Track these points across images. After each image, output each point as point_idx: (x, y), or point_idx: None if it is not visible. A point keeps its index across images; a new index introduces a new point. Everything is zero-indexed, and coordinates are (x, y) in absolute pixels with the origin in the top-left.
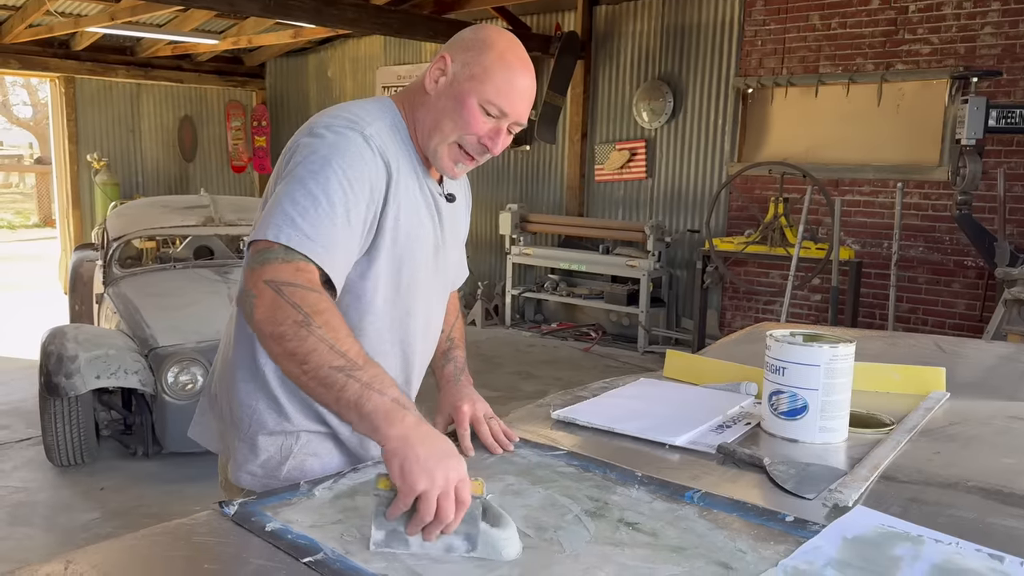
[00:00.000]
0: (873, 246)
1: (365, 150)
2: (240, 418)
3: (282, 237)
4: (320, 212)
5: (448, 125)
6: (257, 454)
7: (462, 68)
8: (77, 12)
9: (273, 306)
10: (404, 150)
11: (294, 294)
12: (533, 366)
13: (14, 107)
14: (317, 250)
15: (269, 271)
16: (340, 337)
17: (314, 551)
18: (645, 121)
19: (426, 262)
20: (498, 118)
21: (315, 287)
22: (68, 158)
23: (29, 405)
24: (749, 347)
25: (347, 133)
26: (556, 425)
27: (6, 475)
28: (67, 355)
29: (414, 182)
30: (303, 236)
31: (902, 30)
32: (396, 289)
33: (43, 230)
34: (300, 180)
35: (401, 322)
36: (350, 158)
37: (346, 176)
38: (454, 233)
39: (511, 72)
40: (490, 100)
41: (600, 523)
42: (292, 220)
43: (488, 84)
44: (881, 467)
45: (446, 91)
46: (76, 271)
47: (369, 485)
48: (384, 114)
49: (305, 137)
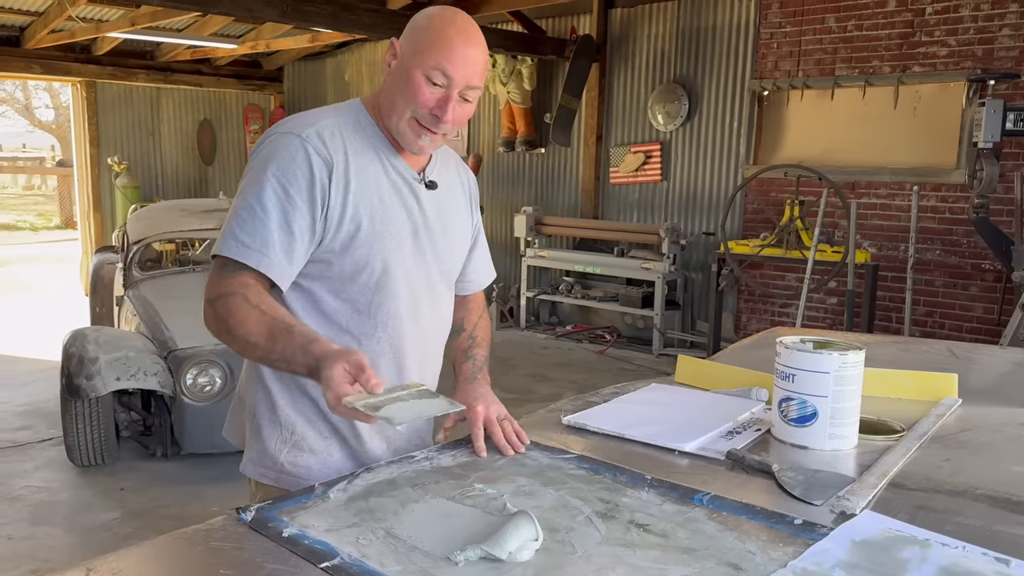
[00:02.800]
0: (889, 249)
1: (298, 152)
2: (249, 409)
3: (223, 249)
4: (256, 220)
5: (400, 102)
6: (260, 443)
7: (407, 46)
8: (98, 17)
9: (209, 320)
10: (367, 142)
11: (217, 306)
12: (548, 368)
13: (36, 110)
14: (251, 255)
15: (207, 289)
16: (250, 329)
17: (331, 556)
18: (660, 124)
19: (400, 245)
20: (444, 86)
21: (230, 290)
22: (89, 161)
23: (51, 406)
24: (762, 352)
25: (284, 139)
26: (567, 430)
27: (28, 475)
28: (88, 357)
29: (377, 168)
30: (240, 245)
31: (919, 32)
32: (368, 271)
33: (64, 232)
34: (241, 193)
35: (381, 305)
36: (283, 163)
37: (279, 182)
38: (443, 220)
39: (449, 40)
40: (432, 67)
41: (611, 524)
42: (232, 232)
43: (429, 54)
44: (890, 474)
45: (396, 71)
46: (97, 273)
47: (382, 486)
48: (342, 113)
49: (255, 149)
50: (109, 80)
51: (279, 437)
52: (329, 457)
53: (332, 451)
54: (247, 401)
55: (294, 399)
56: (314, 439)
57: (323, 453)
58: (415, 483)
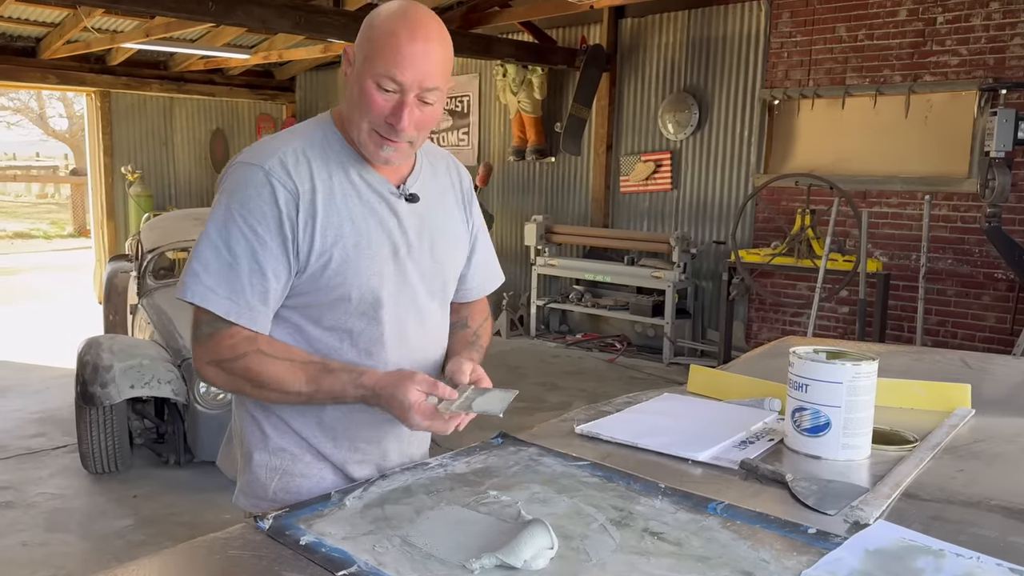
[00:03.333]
0: (901, 258)
1: (263, 187)
2: (239, 439)
3: (189, 295)
4: (222, 263)
5: (356, 114)
6: (251, 473)
7: (359, 52)
8: (113, 28)
9: (229, 384)
10: (336, 160)
11: (233, 368)
12: (558, 377)
13: (50, 119)
14: (222, 303)
15: (204, 353)
16: (285, 381)
17: (348, 564)
18: (671, 133)
19: (380, 270)
20: (397, 91)
21: (239, 352)
22: (103, 170)
23: (65, 413)
24: (773, 362)
25: (247, 171)
26: (580, 439)
27: (43, 482)
28: (102, 365)
29: (347, 189)
30: (206, 290)
31: (930, 41)
32: (347, 301)
33: (78, 240)
34: (206, 233)
35: (363, 333)
36: (248, 199)
37: (246, 222)
38: (430, 234)
39: (396, 39)
40: (380, 74)
41: (625, 532)
42: (198, 275)
43: (376, 60)
44: (903, 485)
45: (352, 79)
46: (111, 282)
47: (397, 493)
48: (310, 132)
49: (221, 179)
50: (123, 90)
51: (268, 465)
52: (322, 480)
53: (325, 474)
54: (237, 432)
55: (283, 428)
56: (306, 464)
57: (316, 477)
58: (430, 490)
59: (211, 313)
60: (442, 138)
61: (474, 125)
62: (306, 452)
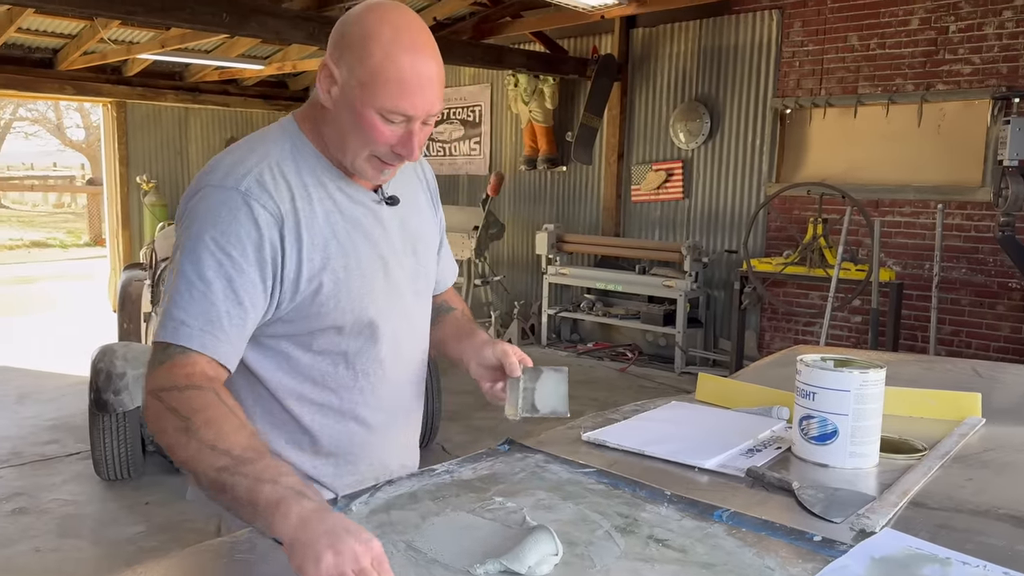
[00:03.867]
0: (914, 267)
1: (241, 211)
2: None
3: (165, 335)
4: (195, 295)
5: (354, 142)
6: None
7: (349, 75)
8: (129, 39)
9: (157, 416)
10: (311, 173)
11: (171, 398)
12: (569, 386)
13: (68, 129)
14: (193, 336)
15: (150, 380)
16: (222, 433)
17: None
18: (682, 142)
19: (371, 286)
20: (405, 122)
21: (193, 382)
22: (118, 180)
23: (79, 420)
24: (783, 370)
25: (220, 195)
26: (587, 446)
27: (56, 488)
28: (116, 372)
29: (328, 205)
30: (179, 324)
31: (943, 50)
32: (340, 324)
33: (93, 249)
34: (179, 266)
35: (360, 352)
36: (223, 225)
37: (221, 248)
38: (410, 236)
39: (401, 69)
40: (387, 108)
41: (630, 539)
42: (171, 313)
43: (380, 91)
44: (911, 493)
45: (341, 103)
46: (125, 290)
47: (403, 499)
48: (277, 143)
49: (187, 202)
50: (139, 100)
51: None
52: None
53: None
54: None
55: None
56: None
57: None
58: (436, 496)
59: (168, 345)
60: (454, 147)
61: (486, 135)
62: (304, 479)
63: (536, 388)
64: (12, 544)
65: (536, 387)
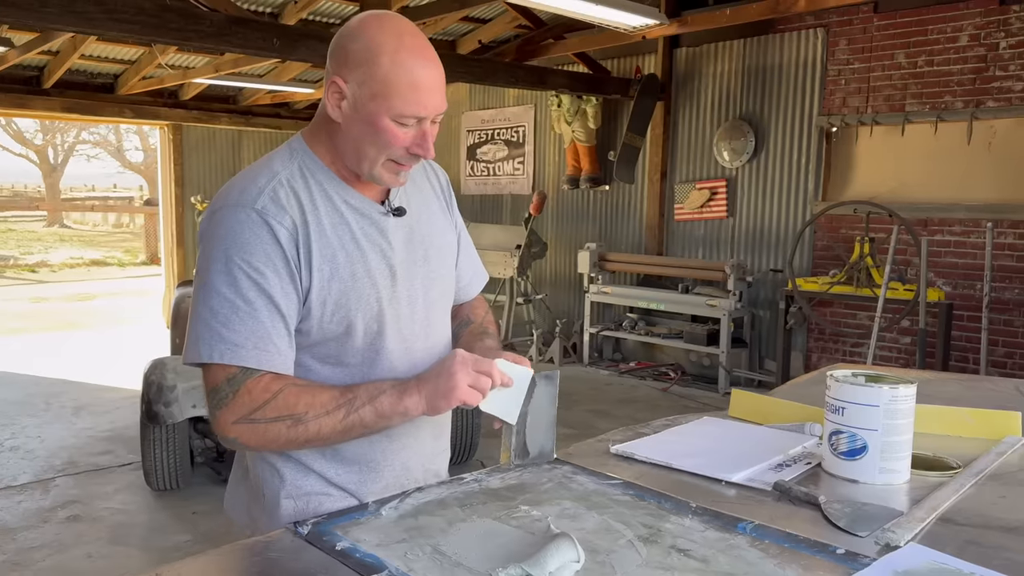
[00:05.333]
0: (965, 288)
1: (260, 228)
2: (257, 486)
3: (215, 355)
4: (241, 315)
5: (371, 150)
6: (278, 523)
7: (360, 88)
8: (185, 64)
9: (260, 435)
10: (319, 188)
11: (266, 413)
12: (610, 404)
13: (127, 152)
14: (251, 355)
15: (230, 414)
16: (322, 400)
17: (379, 569)
18: (726, 160)
19: (379, 297)
20: (417, 123)
21: (272, 392)
22: (174, 200)
23: (132, 432)
24: (820, 388)
25: (238, 215)
26: (615, 459)
27: (108, 497)
28: (166, 385)
29: (336, 218)
30: (233, 347)
31: (993, 67)
32: (352, 335)
33: (150, 267)
34: (212, 286)
35: (374, 363)
36: (247, 245)
37: (251, 266)
38: (422, 245)
39: (410, 74)
40: (402, 113)
41: (652, 548)
42: (218, 334)
43: (393, 98)
44: (940, 509)
45: (353, 116)
46: (178, 306)
47: (432, 505)
48: (286, 163)
49: (206, 225)
50: (194, 123)
51: (298, 511)
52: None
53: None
54: (254, 485)
55: (304, 471)
56: (333, 502)
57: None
58: (463, 503)
59: (231, 369)
60: (497, 167)
61: (529, 155)
62: (331, 487)
63: (526, 430)
64: (67, 550)
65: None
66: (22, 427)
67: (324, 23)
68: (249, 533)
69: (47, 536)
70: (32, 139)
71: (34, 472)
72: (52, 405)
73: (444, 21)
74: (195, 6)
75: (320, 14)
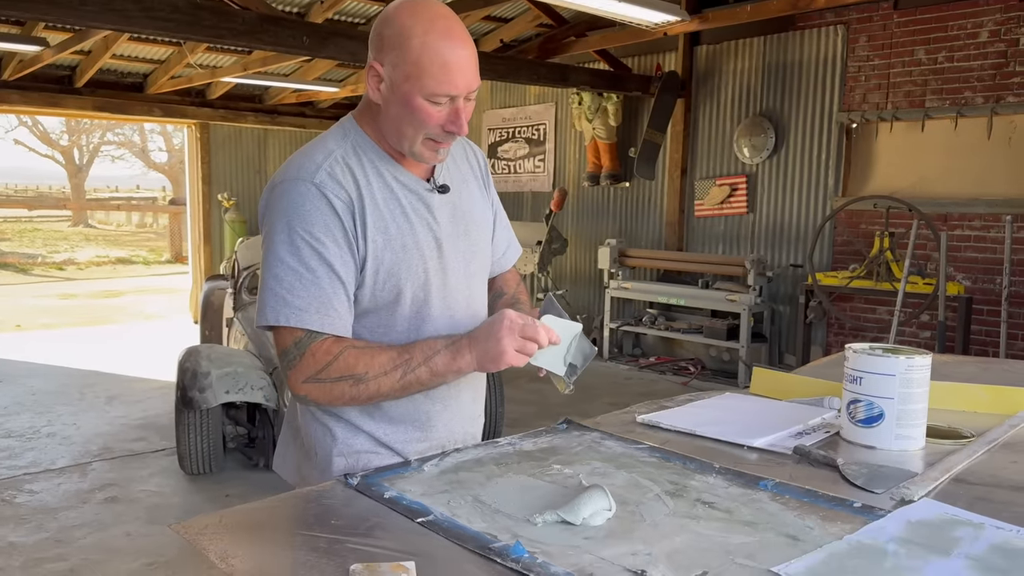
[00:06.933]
0: (985, 282)
1: (319, 200)
2: (310, 446)
3: (281, 319)
4: (304, 282)
5: (409, 130)
6: (329, 479)
7: (394, 70)
8: (213, 64)
9: (326, 392)
10: (371, 165)
11: (330, 373)
12: (630, 398)
13: (151, 152)
14: (314, 319)
15: (299, 374)
16: (380, 360)
17: (425, 513)
18: (746, 156)
19: (426, 268)
20: (450, 101)
21: (334, 353)
22: (201, 198)
23: (163, 420)
24: (838, 370)
25: (299, 188)
26: (640, 428)
27: (144, 480)
28: (201, 371)
29: (387, 193)
30: (297, 311)
31: (1013, 62)
32: (400, 303)
33: (173, 266)
34: (276, 255)
35: (419, 330)
36: (308, 215)
37: (312, 235)
38: (463, 220)
39: (440, 55)
40: (433, 92)
41: (679, 501)
42: (284, 299)
43: (425, 78)
44: (953, 470)
45: (391, 98)
46: (207, 299)
47: (470, 464)
48: (339, 141)
49: (267, 197)
50: (221, 122)
51: (348, 468)
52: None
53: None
54: (305, 440)
55: (353, 430)
56: (381, 459)
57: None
58: (499, 462)
59: (297, 332)
60: (518, 165)
61: (550, 152)
62: (379, 447)
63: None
64: (106, 528)
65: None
66: (58, 415)
67: (351, 23)
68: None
69: (87, 516)
70: (58, 140)
71: (72, 456)
72: (86, 395)
73: (466, 20)
74: (227, 5)
75: (345, 13)
